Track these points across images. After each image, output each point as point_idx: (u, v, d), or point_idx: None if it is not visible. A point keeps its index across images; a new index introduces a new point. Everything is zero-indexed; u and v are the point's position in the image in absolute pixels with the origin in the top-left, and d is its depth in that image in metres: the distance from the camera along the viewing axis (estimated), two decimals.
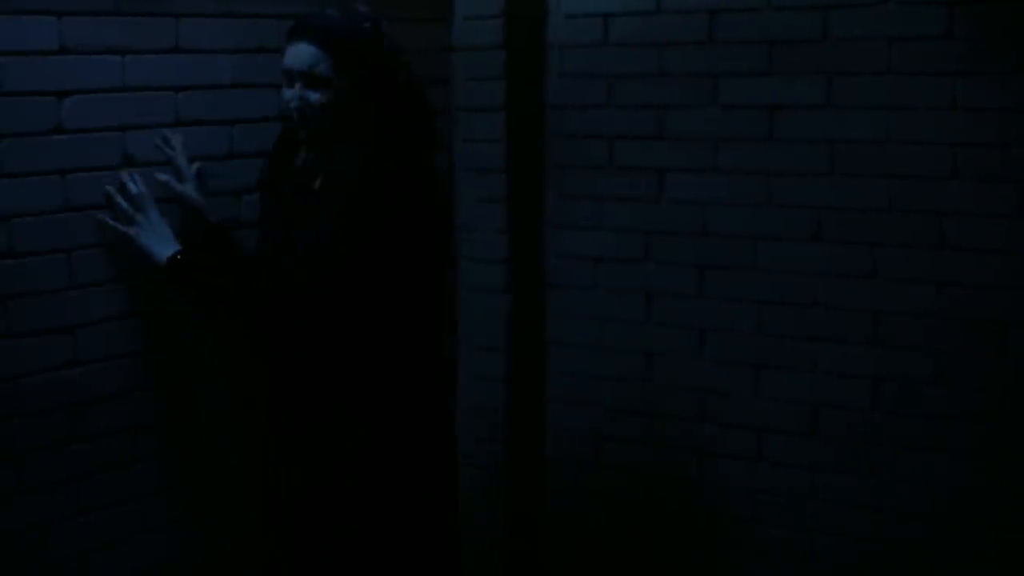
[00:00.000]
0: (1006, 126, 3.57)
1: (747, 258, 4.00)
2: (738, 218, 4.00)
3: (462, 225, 4.41)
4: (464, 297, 4.44)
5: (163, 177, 3.32)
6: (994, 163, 3.60)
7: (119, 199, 3.23)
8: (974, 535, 3.72)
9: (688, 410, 4.16)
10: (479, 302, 4.40)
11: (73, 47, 3.18)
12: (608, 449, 4.35)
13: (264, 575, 3.35)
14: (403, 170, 3.08)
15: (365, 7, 3.23)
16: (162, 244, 3.17)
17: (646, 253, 4.19)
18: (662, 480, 4.24)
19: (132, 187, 3.23)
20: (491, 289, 4.36)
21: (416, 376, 3.22)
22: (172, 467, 3.50)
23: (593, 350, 4.34)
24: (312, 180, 3.13)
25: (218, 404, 3.56)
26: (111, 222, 3.23)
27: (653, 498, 4.27)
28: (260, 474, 3.36)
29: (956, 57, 3.62)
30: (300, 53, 3.06)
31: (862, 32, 3.74)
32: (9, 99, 3.06)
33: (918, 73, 3.68)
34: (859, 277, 3.82)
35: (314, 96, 3.05)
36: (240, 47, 3.54)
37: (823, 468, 3.93)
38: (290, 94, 3.08)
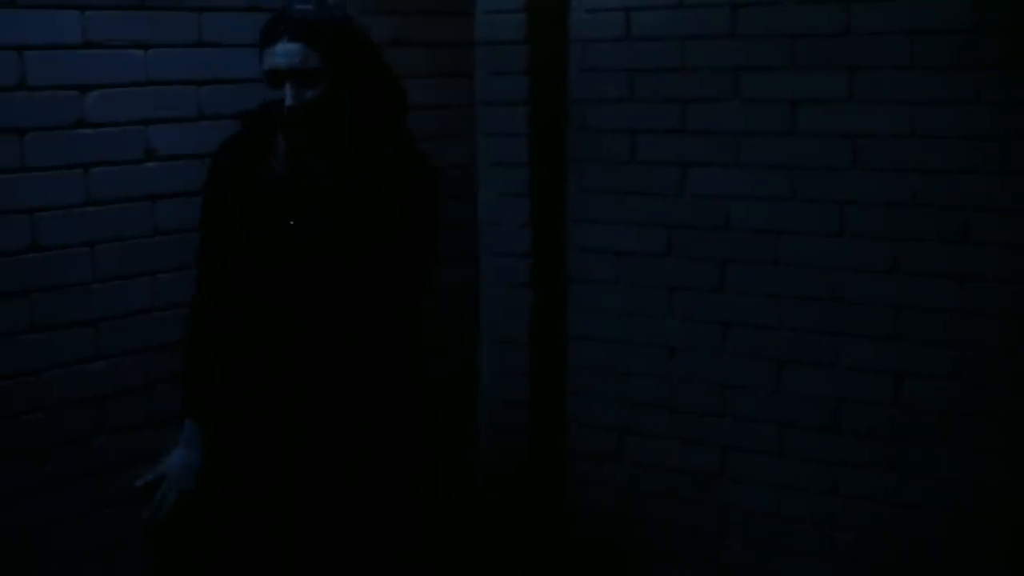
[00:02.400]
0: None
1: (769, 253, 3.99)
2: (760, 212, 4.00)
3: (484, 219, 4.41)
4: (485, 291, 4.45)
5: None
6: (1019, 157, 3.58)
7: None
8: (995, 531, 3.71)
9: (710, 404, 4.16)
10: (501, 296, 4.40)
11: (97, 41, 3.20)
12: (629, 443, 4.35)
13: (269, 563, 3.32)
14: (436, 169, 3.19)
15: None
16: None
17: (668, 247, 4.19)
18: (683, 474, 4.24)
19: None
20: (513, 283, 4.37)
21: (419, 360, 3.27)
22: None
23: (615, 344, 4.34)
24: (325, 181, 3.11)
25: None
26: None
27: (675, 492, 4.26)
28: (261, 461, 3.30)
29: (980, 50, 3.60)
30: (289, 52, 2.98)
31: (885, 25, 3.73)
32: (33, 93, 3.08)
33: (942, 67, 3.66)
34: (881, 272, 3.81)
35: (310, 93, 3.03)
36: None
37: (845, 463, 3.92)
38: (287, 94, 3.03)
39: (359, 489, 3.14)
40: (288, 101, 2.98)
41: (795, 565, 4.04)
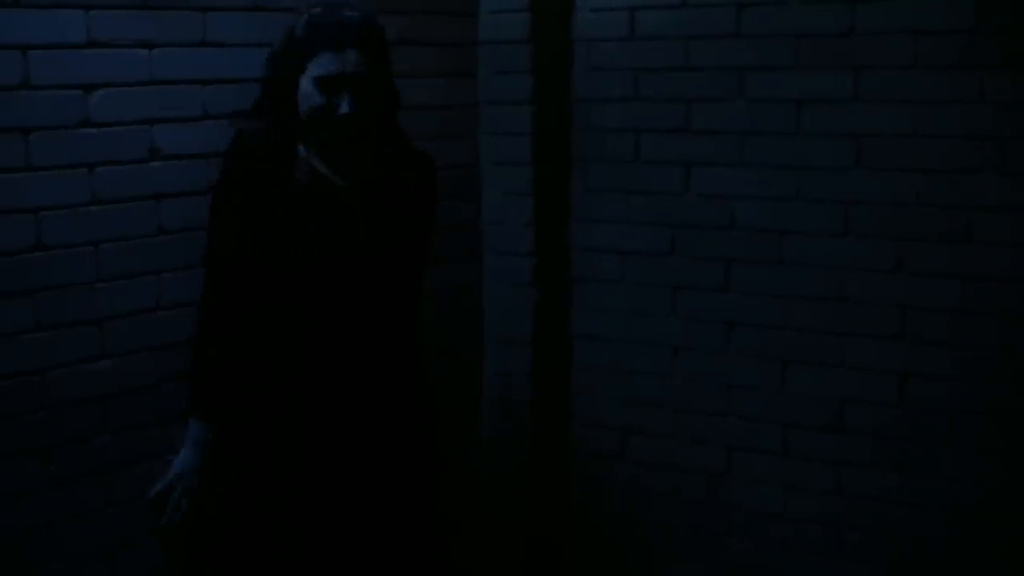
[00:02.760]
0: None
1: (774, 252, 3.99)
2: (764, 212, 4.00)
3: (487, 219, 4.41)
4: (489, 291, 4.45)
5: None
6: (1022, 157, 3.58)
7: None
8: (998, 531, 3.70)
9: (714, 404, 4.16)
10: (504, 296, 4.40)
11: (101, 40, 3.20)
12: (633, 443, 4.35)
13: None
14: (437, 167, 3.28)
15: (353, 3, 3.21)
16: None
17: (672, 247, 4.19)
18: (688, 474, 4.24)
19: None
20: (517, 283, 4.37)
21: (419, 360, 3.32)
22: None
23: (619, 344, 4.34)
24: (346, 185, 3.12)
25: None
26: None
27: (679, 492, 4.26)
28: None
29: (983, 50, 3.60)
30: (348, 60, 2.99)
31: (888, 25, 3.73)
32: (37, 93, 3.07)
33: (945, 66, 3.66)
34: (886, 272, 3.81)
35: (362, 99, 3.04)
36: (267, 40, 3.54)
37: (850, 463, 3.92)
38: (345, 102, 3.03)
39: (361, 489, 3.15)
40: (345, 109, 2.99)
41: (800, 565, 4.04)
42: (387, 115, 3.15)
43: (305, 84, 3.01)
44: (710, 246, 4.11)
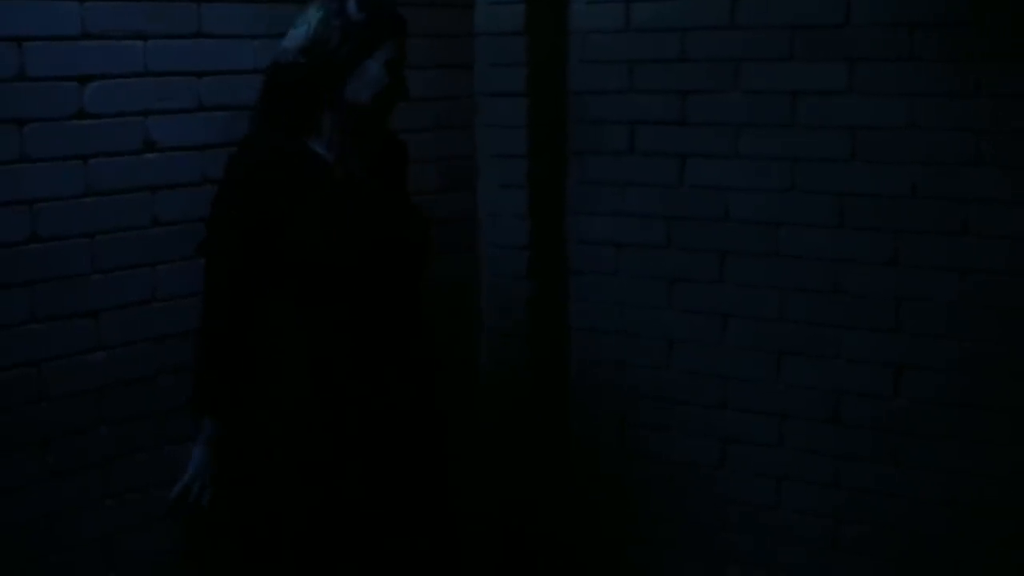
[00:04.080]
0: None
1: (769, 244, 3.99)
2: (760, 204, 3.99)
3: (484, 211, 4.41)
4: (485, 283, 4.45)
5: None
6: (1018, 150, 3.58)
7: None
8: (996, 524, 3.71)
9: (710, 396, 4.16)
10: (501, 288, 4.40)
11: (95, 32, 3.20)
12: (630, 435, 4.35)
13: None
14: None
15: None
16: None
17: (668, 239, 4.19)
18: (684, 466, 4.24)
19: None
20: (513, 275, 4.36)
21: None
22: None
23: (615, 336, 4.34)
24: (381, 174, 3.24)
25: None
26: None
27: (675, 484, 4.26)
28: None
29: (981, 43, 3.60)
30: (403, 45, 3.17)
31: (884, 17, 3.72)
32: (32, 84, 3.07)
33: (942, 59, 3.66)
34: (882, 264, 3.81)
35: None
36: (263, 32, 3.55)
37: (846, 455, 3.92)
38: (407, 85, 3.19)
39: (395, 474, 3.21)
40: (408, 93, 3.20)
41: (798, 557, 4.04)
42: None
43: (374, 68, 3.11)
44: (706, 238, 4.11)
